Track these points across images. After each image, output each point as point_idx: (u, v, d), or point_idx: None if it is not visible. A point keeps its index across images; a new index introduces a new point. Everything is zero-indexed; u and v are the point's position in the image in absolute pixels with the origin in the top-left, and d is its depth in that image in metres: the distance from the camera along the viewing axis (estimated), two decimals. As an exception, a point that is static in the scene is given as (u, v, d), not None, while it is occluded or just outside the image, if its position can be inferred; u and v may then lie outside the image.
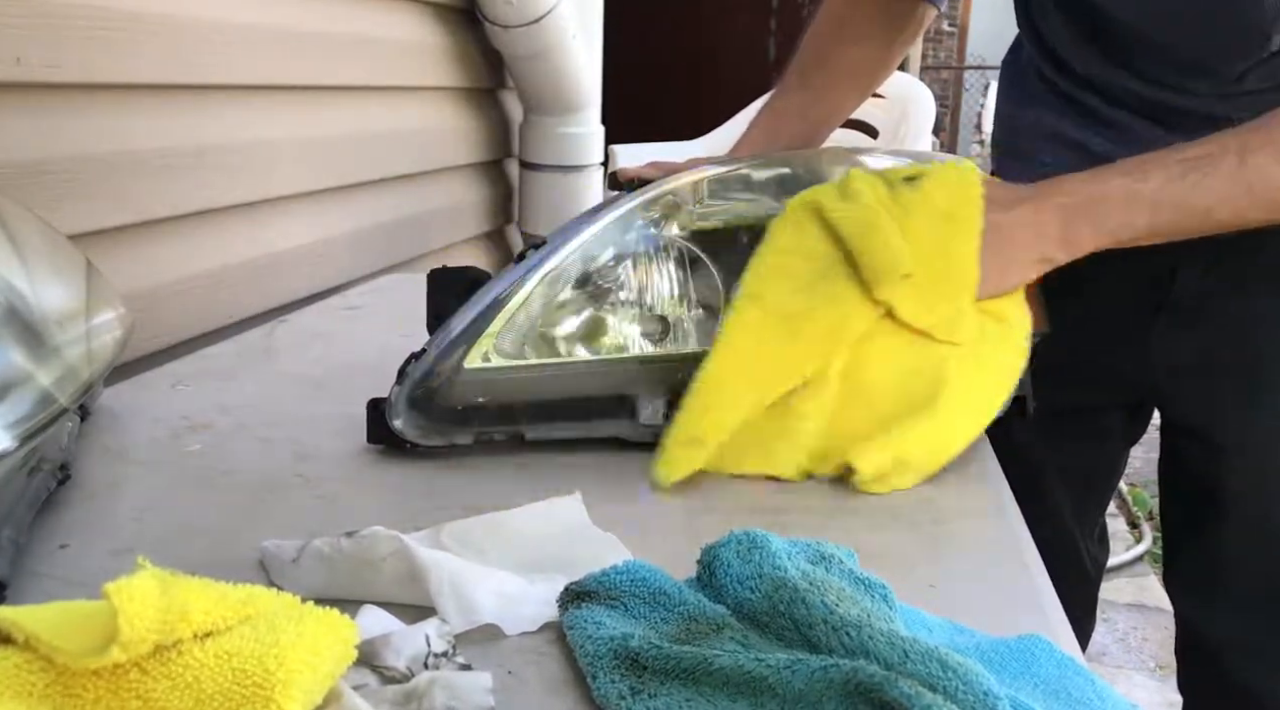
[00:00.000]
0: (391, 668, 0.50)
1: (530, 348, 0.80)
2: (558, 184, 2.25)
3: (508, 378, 0.79)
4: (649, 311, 0.83)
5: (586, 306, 0.82)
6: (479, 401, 0.79)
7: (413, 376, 0.79)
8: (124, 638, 0.41)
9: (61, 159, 1.06)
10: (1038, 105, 1.03)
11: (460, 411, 0.79)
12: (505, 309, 0.79)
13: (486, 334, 0.78)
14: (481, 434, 0.81)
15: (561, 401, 0.81)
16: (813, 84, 1.10)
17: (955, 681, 0.44)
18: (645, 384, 0.82)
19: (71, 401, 0.75)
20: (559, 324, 0.81)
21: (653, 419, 0.82)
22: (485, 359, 0.78)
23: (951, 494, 0.78)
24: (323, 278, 1.58)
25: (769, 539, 0.56)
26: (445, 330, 0.80)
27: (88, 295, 0.85)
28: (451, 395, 0.79)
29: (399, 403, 0.79)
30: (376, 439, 0.81)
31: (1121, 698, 0.51)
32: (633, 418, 0.82)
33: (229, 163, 1.34)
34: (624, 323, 0.83)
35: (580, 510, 0.67)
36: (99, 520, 0.70)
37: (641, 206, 0.83)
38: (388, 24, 1.79)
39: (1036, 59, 1.03)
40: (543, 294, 0.80)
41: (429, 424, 0.79)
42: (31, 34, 1.00)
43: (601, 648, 0.51)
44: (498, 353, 0.79)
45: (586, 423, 0.82)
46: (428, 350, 0.80)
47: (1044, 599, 0.62)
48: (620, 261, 0.82)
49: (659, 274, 0.83)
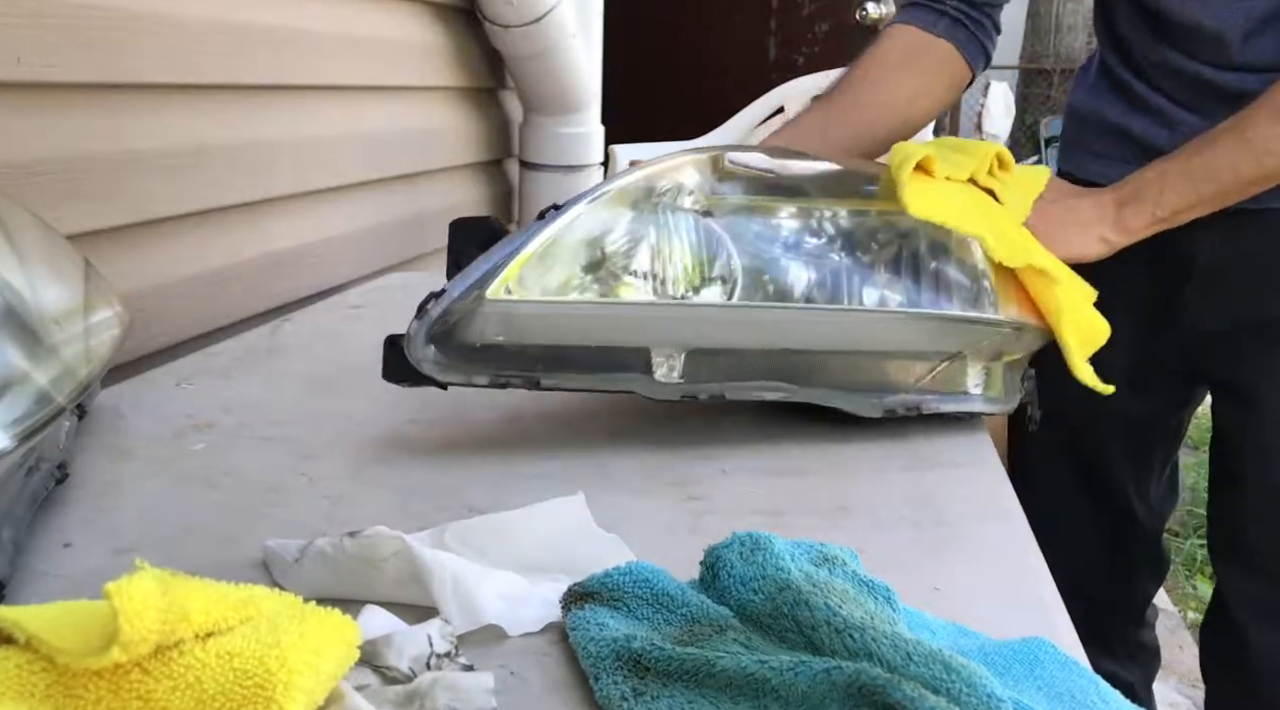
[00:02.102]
0: (394, 668, 0.50)
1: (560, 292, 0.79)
2: (558, 184, 2.25)
3: (527, 313, 0.78)
4: (659, 284, 0.82)
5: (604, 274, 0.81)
6: (498, 339, 0.78)
7: (433, 312, 0.77)
8: (124, 638, 0.41)
9: (62, 158, 1.06)
10: (1096, 98, 1.18)
11: (479, 349, 0.78)
12: (528, 249, 0.78)
13: (511, 268, 0.77)
14: (498, 377, 0.80)
15: (578, 348, 0.80)
16: (837, 103, 1.12)
17: (959, 684, 0.44)
18: (663, 337, 0.81)
19: (69, 401, 0.75)
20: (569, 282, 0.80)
21: (668, 376, 0.81)
22: (508, 291, 0.77)
23: (955, 496, 0.78)
24: (324, 277, 1.58)
25: (772, 540, 0.56)
26: (466, 273, 0.80)
27: (85, 294, 0.84)
28: (471, 330, 0.78)
29: (418, 337, 0.77)
30: (393, 376, 0.80)
31: (1125, 700, 0.51)
32: (648, 373, 0.81)
33: (229, 162, 1.33)
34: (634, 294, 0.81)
35: (583, 511, 0.67)
36: (102, 519, 0.70)
37: (659, 174, 0.83)
38: (388, 24, 1.79)
39: (1102, 50, 1.19)
40: (559, 244, 0.79)
41: (447, 361, 0.78)
42: (31, 34, 1.00)
43: (604, 649, 0.51)
44: (521, 286, 0.78)
45: (603, 374, 0.81)
46: (448, 289, 0.79)
47: (1048, 601, 0.62)
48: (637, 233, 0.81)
49: (671, 246, 0.82)
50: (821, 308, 0.84)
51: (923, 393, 0.89)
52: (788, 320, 0.84)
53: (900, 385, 0.89)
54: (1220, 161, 0.96)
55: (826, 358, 0.86)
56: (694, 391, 0.83)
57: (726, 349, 0.83)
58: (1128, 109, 1.14)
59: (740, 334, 0.83)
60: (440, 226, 0.89)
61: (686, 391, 0.82)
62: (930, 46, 1.12)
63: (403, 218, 1.86)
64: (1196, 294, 1.12)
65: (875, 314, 0.86)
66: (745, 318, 0.83)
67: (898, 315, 0.86)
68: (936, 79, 1.14)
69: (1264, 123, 0.95)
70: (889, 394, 0.88)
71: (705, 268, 0.82)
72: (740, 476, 0.80)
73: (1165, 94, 1.10)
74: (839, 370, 0.87)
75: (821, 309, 0.84)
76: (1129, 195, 0.98)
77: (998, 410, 0.93)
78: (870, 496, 0.77)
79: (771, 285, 0.83)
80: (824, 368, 0.86)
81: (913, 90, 1.13)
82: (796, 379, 0.85)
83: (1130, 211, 0.98)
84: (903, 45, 1.13)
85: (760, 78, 2.92)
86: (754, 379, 0.85)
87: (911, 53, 1.12)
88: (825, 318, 0.85)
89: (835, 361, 0.87)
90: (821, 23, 3.31)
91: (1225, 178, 0.96)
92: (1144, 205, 0.97)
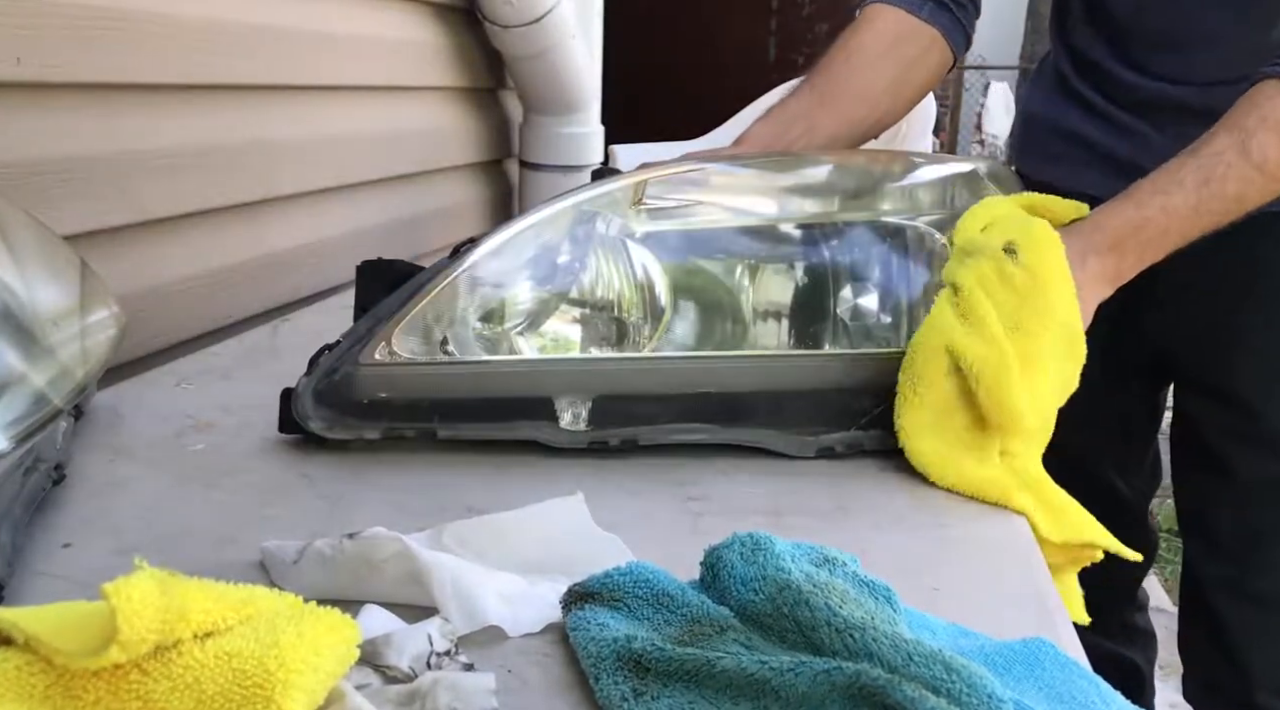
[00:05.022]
0: (394, 667, 0.50)
1: (455, 344, 0.77)
2: (558, 184, 2.24)
3: (410, 373, 0.76)
4: (592, 313, 0.80)
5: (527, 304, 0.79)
6: (382, 397, 0.77)
7: (321, 368, 0.76)
8: (123, 638, 0.41)
9: (62, 158, 1.06)
10: (1052, 105, 1.19)
11: (366, 405, 0.77)
12: (413, 302, 0.76)
13: (389, 326, 0.76)
14: (391, 429, 0.78)
15: (472, 401, 0.78)
16: (820, 90, 1.11)
17: (959, 685, 0.44)
18: (565, 387, 0.78)
19: (66, 402, 0.74)
20: (493, 320, 0.79)
21: (574, 424, 0.78)
22: (387, 354, 0.75)
23: (955, 496, 0.78)
24: (324, 277, 1.58)
25: (772, 541, 0.56)
26: (355, 327, 0.78)
27: (81, 295, 0.84)
28: (354, 389, 0.76)
29: (305, 394, 0.77)
30: (287, 428, 0.79)
31: (1125, 701, 0.51)
32: (553, 421, 0.79)
33: (229, 162, 1.33)
34: (565, 324, 0.80)
35: (583, 511, 0.66)
36: (102, 519, 0.70)
37: (579, 205, 0.80)
38: (388, 24, 1.78)
39: (1059, 60, 1.19)
40: (463, 288, 0.77)
41: (335, 417, 0.77)
42: (31, 34, 1.00)
43: (604, 649, 0.51)
44: (403, 348, 0.76)
45: (503, 423, 0.79)
46: (341, 341, 0.77)
47: (1049, 602, 0.62)
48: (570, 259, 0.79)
49: (606, 273, 0.80)
50: (738, 355, 0.81)
51: (866, 428, 0.82)
52: (703, 368, 0.80)
53: (840, 422, 0.82)
54: (1230, 191, 0.89)
55: (753, 397, 0.81)
56: (604, 438, 0.79)
57: (637, 394, 0.80)
58: (1084, 117, 1.14)
59: (651, 380, 0.80)
60: (441, 226, 0.89)
61: (595, 438, 0.79)
62: (915, 33, 1.11)
63: (403, 218, 1.86)
64: (1158, 306, 1.13)
65: (798, 358, 0.82)
66: (655, 366, 0.80)
67: (825, 357, 0.82)
68: (920, 66, 1.13)
69: (1273, 148, 0.89)
70: (825, 432, 0.82)
71: (636, 293, 0.80)
72: (740, 476, 0.80)
73: (1121, 107, 1.11)
74: (766, 410, 0.81)
75: (738, 356, 0.81)
76: (1125, 236, 0.88)
77: None
78: (870, 496, 0.77)
79: (704, 308, 0.80)
80: (750, 408, 0.81)
81: (897, 78, 1.11)
82: (718, 420, 0.81)
83: (1128, 258, 0.89)
84: (887, 30, 1.11)
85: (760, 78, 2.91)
86: (669, 422, 0.80)
87: (896, 39, 1.11)
88: (744, 364, 0.81)
89: (762, 401, 0.81)
90: (821, 23, 3.31)
91: (1231, 208, 0.90)
92: (1144, 251, 0.89)
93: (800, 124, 1.07)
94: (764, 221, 0.86)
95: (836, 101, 1.09)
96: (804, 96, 1.10)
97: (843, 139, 1.10)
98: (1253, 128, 0.89)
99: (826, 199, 0.90)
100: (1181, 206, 0.88)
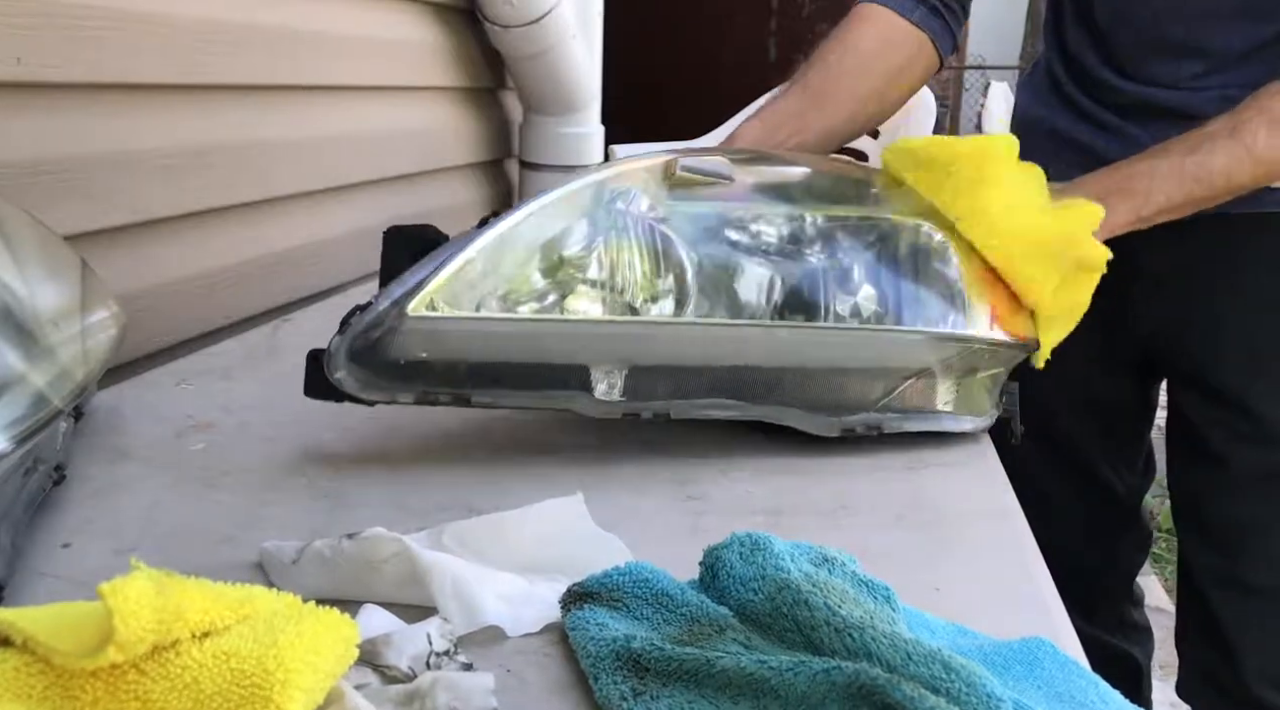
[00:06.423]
0: (393, 667, 0.50)
1: (484, 309, 0.76)
2: (558, 184, 2.24)
3: (453, 330, 0.75)
4: (616, 294, 0.78)
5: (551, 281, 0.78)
6: (422, 356, 0.75)
7: (355, 327, 0.75)
8: (120, 638, 0.41)
9: (62, 159, 1.05)
10: (1043, 106, 1.22)
11: (403, 366, 0.75)
12: (455, 262, 0.75)
13: (435, 283, 0.74)
14: (426, 394, 0.77)
15: (509, 365, 0.77)
16: (813, 89, 1.11)
17: (958, 684, 0.44)
18: (601, 354, 0.78)
19: (66, 403, 0.74)
20: (519, 289, 0.77)
21: (608, 394, 0.78)
22: (431, 307, 0.74)
23: (955, 495, 0.78)
24: (324, 277, 1.58)
25: (771, 541, 0.56)
26: (392, 286, 0.77)
27: (81, 295, 0.84)
28: (394, 347, 0.75)
29: (339, 354, 0.75)
30: (315, 392, 0.78)
31: (1125, 701, 0.51)
32: (587, 391, 0.78)
33: (229, 163, 1.33)
34: (589, 302, 0.78)
35: (582, 511, 0.66)
36: (101, 519, 0.70)
37: (609, 179, 0.80)
38: (388, 24, 1.78)
39: (1051, 62, 1.22)
40: (496, 252, 0.76)
41: (370, 378, 0.75)
42: (31, 34, 1.00)
43: (604, 649, 0.51)
44: (445, 303, 0.75)
45: (537, 392, 0.78)
46: (374, 302, 0.76)
47: (1048, 601, 0.62)
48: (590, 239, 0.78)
49: (628, 253, 0.79)
50: (773, 325, 0.81)
51: (885, 411, 0.85)
52: (737, 337, 0.80)
53: (861, 403, 0.84)
54: (1216, 165, 0.94)
55: (780, 374, 0.82)
56: (636, 409, 0.79)
57: (671, 365, 0.80)
58: (1076, 120, 1.17)
59: (686, 350, 0.80)
60: (441, 226, 0.88)
61: (628, 409, 0.79)
62: (905, 37, 1.12)
63: (403, 218, 1.84)
64: (1140, 299, 1.16)
65: (830, 330, 0.82)
66: (690, 334, 0.79)
67: (857, 332, 0.82)
68: (909, 70, 1.14)
69: (1264, 132, 0.94)
70: (848, 413, 0.84)
71: (659, 275, 0.79)
72: (740, 476, 0.80)
73: (1114, 111, 1.13)
74: (794, 387, 0.83)
75: (773, 326, 0.81)
76: (1116, 186, 0.94)
77: (970, 428, 0.89)
78: (870, 496, 0.77)
79: (727, 295, 0.80)
80: (778, 384, 0.82)
81: (886, 81, 1.13)
82: (747, 396, 0.82)
83: (1115, 203, 0.92)
84: (877, 33, 1.12)
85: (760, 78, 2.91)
86: (702, 396, 0.81)
87: (886, 42, 1.12)
88: (778, 335, 0.81)
89: (790, 378, 0.83)
90: (821, 23, 3.30)
91: (1218, 182, 0.95)
92: (1132, 199, 0.94)
93: (790, 124, 1.08)
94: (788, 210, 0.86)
95: (826, 102, 1.10)
96: (794, 96, 1.11)
97: (832, 138, 1.11)
98: (1248, 116, 0.95)
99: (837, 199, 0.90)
100: (1166, 169, 0.94)
